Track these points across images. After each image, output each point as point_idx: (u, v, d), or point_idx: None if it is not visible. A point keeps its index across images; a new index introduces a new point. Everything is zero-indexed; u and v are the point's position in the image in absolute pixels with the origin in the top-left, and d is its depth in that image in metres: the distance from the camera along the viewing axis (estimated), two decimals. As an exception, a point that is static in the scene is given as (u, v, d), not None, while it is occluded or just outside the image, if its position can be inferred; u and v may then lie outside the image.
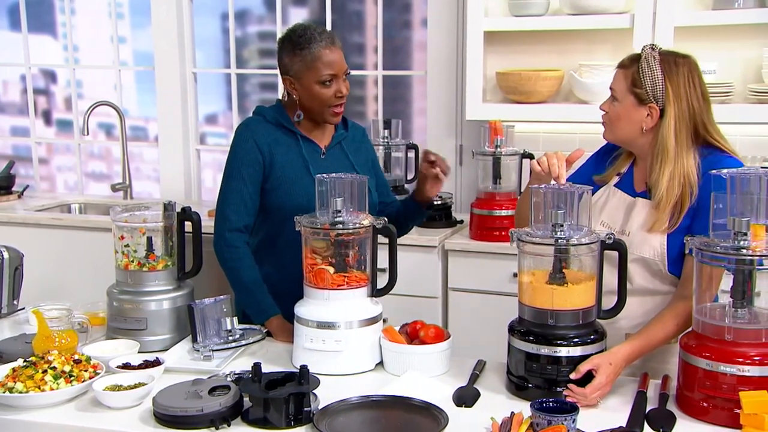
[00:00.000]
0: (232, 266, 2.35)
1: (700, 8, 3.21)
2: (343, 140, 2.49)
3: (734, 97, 3.17)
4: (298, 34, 2.33)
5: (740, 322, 1.71)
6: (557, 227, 1.83)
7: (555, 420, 1.60)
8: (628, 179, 2.13)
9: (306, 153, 2.40)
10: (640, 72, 1.98)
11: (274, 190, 2.38)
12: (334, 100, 2.34)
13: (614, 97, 2.03)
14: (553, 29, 3.32)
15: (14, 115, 4.76)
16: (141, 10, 4.30)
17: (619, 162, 2.16)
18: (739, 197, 1.72)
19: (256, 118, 2.46)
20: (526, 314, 1.88)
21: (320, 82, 2.31)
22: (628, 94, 2.00)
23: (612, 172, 2.16)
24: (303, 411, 1.73)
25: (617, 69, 2.05)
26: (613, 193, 2.14)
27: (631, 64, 2.00)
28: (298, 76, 2.34)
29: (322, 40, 2.30)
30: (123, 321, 2.17)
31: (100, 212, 4.04)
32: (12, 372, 1.87)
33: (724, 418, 1.68)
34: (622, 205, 2.10)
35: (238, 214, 2.35)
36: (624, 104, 2.01)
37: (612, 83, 2.05)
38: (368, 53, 4.12)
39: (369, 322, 2.04)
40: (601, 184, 2.17)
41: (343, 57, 2.35)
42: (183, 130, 4.22)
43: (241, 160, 2.37)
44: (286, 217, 2.34)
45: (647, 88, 1.97)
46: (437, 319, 3.28)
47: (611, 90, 2.05)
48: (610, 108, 2.05)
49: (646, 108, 1.99)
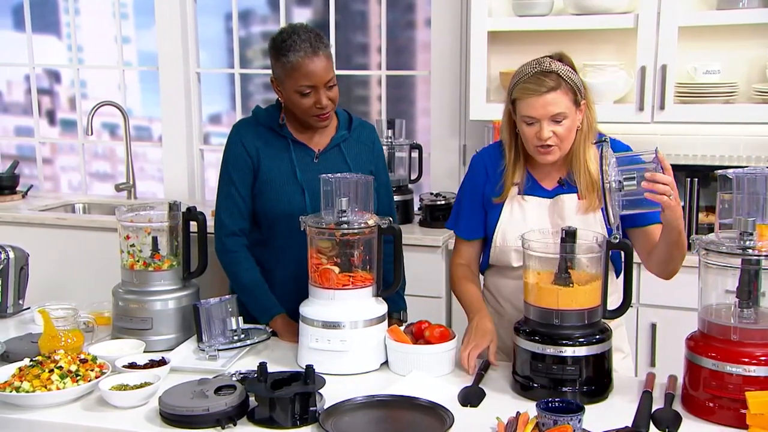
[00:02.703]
0: (231, 270, 2.35)
1: (704, 8, 3.21)
2: (343, 142, 2.40)
3: (738, 97, 3.16)
4: (282, 39, 2.23)
5: (746, 322, 1.71)
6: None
7: (561, 420, 1.60)
8: (533, 184, 2.14)
9: (296, 158, 2.34)
10: (570, 83, 2.02)
11: (260, 194, 2.35)
12: (314, 110, 2.25)
13: (560, 119, 2.01)
14: (556, 29, 3.32)
15: (18, 115, 4.77)
16: (145, 10, 4.30)
17: (508, 175, 2.15)
18: (745, 197, 1.72)
19: (249, 119, 2.42)
20: (532, 314, 1.88)
21: (299, 93, 2.23)
22: (571, 105, 2.03)
23: (508, 186, 2.15)
24: (309, 410, 1.73)
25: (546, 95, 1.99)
26: (524, 202, 2.14)
27: (558, 82, 2.00)
28: (281, 81, 2.27)
29: (301, 49, 2.19)
30: (128, 321, 2.18)
31: (104, 212, 4.04)
32: (18, 371, 1.87)
33: (730, 418, 1.68)
34: (542, 208, 2.12)
35: (232, 218, 2.34)
36: (572, 117, 2.04)
37: (550, 109, 2.00)
38: (372, 53, 4.12)
39: (374, 321, 2.04)
40: (501, 202, 2.16)
41: (327, 66, 2.23)
42: (187, 130, 4.23)
43: (231, 164, 2.36)
44: (272, 223, 2.35)
45: (581, 93, 2.04)
46: (441, 318, 3.28)
47: (556, 116, 2.00)
48: (560, 131, 2.02)
49: (579, 109, 2.06)
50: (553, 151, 2.05)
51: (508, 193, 2.15)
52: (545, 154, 2.05)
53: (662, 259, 2.05)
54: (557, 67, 2.03)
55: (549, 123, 2.02)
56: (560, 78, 2.01)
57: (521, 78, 2.05)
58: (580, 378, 1.82)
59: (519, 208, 2.14)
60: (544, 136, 2.02)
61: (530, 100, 2.01)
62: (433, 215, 3.46)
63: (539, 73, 2.02)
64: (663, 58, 3.11)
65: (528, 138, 2.06)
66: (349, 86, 4.16)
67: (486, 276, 2.30)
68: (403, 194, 3.55)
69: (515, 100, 2.06)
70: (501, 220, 2.16)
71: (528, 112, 2.02)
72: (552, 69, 2.02)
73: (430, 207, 3.47)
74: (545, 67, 2.02)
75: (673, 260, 2.03)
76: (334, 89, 2.27)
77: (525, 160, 2.14)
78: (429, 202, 3.48)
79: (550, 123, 2.02)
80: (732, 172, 1.75)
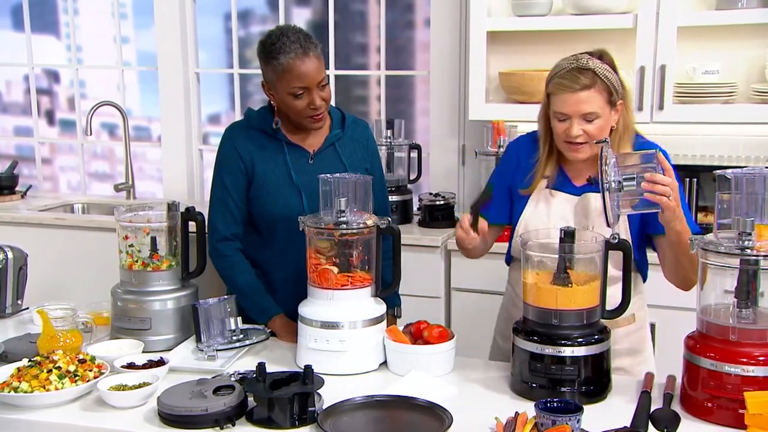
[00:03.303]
0: (226, 274, 2.35)
1: (704, 8, 3.21)
2: (337, 141, 2.38)
3: (738, 97, 3.16)
4: (271, 41, 2.22)
5: (745, 322, 1.71)
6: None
7: (559, 420, 1.61)
8: (563, 179, 2.14)
9: (290, 160, 2.33)
10: (606, 82, 2.00)
11: (256, 198, 2.34)
12: (308, 111, 2.24)
13: (591, 117, 2.00)
14: (556, 29, 3.32)
15: (17, 115, 4.76)
16: (144, 10, 4.30)
17: (539, 167, 2.14)
18: (744, 197, 1.72)
19: (241, 122, 2.41)
20: (531, 314, 1.88)
21: (291, 94, 2.22)
22: (605, 105, 2.01)
23: (537, 179, 2.15)
24: (307, 411, 1.73)
25: (579, 92, 1.98)
26: (551, 197, 2.14)
27: (593, 80, 1.99)
28: (272, 84, 2.26)
29: (292, 51, 2.18)
30: (127, 321, 2.18)
31: (103, 212, 4.03)
32: (17, 372, 1.87)
33: (728, 418, 1.68)
34: (569, 205, 2.12)
35: (225, 223, 2.33)
36: (605, 117, 2.02)
37: (582, 107, 1.99)
38: (371, 53, 4.12)
39: (373, 321, 2.04)
40: (528, 194, 2.16)
41: (318, 66, 2.22)
42: (186, 130, 4.22)
43: (224, 169, 2.34)
44: (271, 227, 2.34)
45: (617, 92, 2.02)
46: (440, 318, 3.28)
47: (587, 115, 1.99)
48: (591, 129, 2.01)
49: (615, 108, 2.04)
50: (582, 149, 2.04)
51: (536, 185, 2.14)
52: (574, 151, 2.05)
53: (672, 266, 2.05)
54: (594, 64, 2.00)
55: (580, 121, 2.00)
56: (596, 76, 1.99)
57: (557, 73, 2.03)
58: (578, 378, 1.82)
59: (545, 202, 2.14)
60: (573, 133, 2.01)
61: (563, 96, 2.00)
62: (432, 215, 3.46)
63: (575, 69, 2.00)
64: (662, 58, 3.11)
65: (558, 134, 2.05)
66: (348, 86, 4.16)
67: (509, 271, 2.30)
68: (402, 194, 3.55)
69: (550, 95, 2.05)
70: (525, 212, 2.15)
71: (560, 108, 2.01)
72: (589, 66, 1.99)
73: (429, 207, 3.47)
74: (582, 64, 2.00)
75: (682, 267, 2.01)
76: (326, 89, 2.26)
77: (558, 154, 2.13)
78: (428, 203, 3.47)
79: (581, 121, 2.00)
80: (731, 173, 1.75)
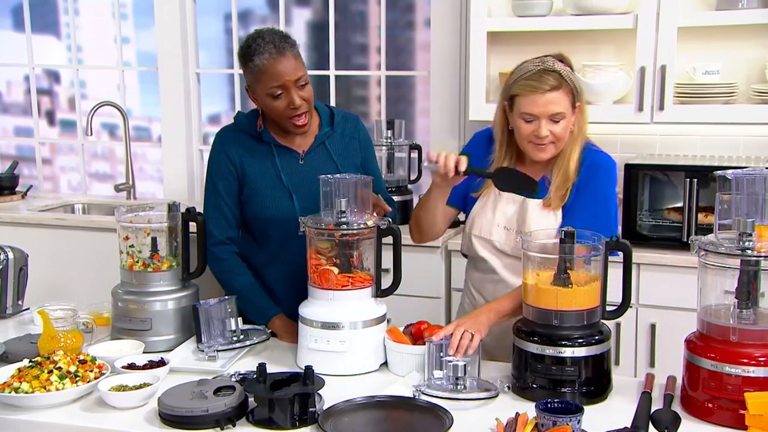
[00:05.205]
0: (224, 278, 2.35)
1: (704, 8, 3.21)
2: (327, 139, 2.36)
3: (738, 97, 3.16)
4: (247, 44, 2.21)
5: (745, 323, 1.71)
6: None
7: (560, 421, 1.61)
8: None
9: (279, 162, 2.32)
10: (571, 84, 2.03)
11: (248, 201, 2.33)
12: (289, 111, 2.21)
13: (558, 118, 2.02)
14: (556, 30, 3.32)
15: (18, 115, 4.77)
16: (144, 11, 4.30)
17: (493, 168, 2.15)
18: (744, 198, 1.72)
19: (231, 127, 2.40)
20: (531, 315, 1.88)
21: (270, 95, 2.20)
22: (570, 107, 2.04)
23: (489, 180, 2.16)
24: (308, 411, 1.73)
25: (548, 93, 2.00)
26: (499, 196, 2.16)
27: (560, 82, 2.01)
28: (253, 87, 2.24)
29: (266, 51, 2.16)
30: (128, 321, 2.18)
31: (104, 212, 4.04)
32: (18, 372, 1.87)
33: (729, 418, 1.68)
34: (513, 204, 2.15)
35: (219, 228, 2.33)
36: (569, 118, 2.05)
37: (551, 108, 2.01)
38: (371, 53, 4.12)
39: (373, 322, 2.04)
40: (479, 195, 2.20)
41: (295, 65, 2.19)
42: (186, 130, 4.22)
43: (216, 174, 2.34)
44: (263, 229, 2.34)
45: (578, 95, 2.06)
46: (440, 319, 3.28)
47: (555, 115, 2.02)
48: (557, 130, 2.03)
49: (574, 111, 2.07)
50: (547, 149, 2.06)
51: (487, 186, 2.18)
52: (540, 151, 2.06)
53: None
54: (559, 67, 2.04)
55: (548, 122, 2.02)
56: (562, 78, 2.02)
57: (523, 75, 2.04)
58: (579, 379, 1.82)
59: (493, 201, 2.17)
60: (542, 134, 2.02)
61: (533, 98, 2.01)
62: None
63: (542, 71, 2.02)
64: (662, 59, 3.11)
65: (524, 135, 2.06)
66: (348, 86, 4.16)
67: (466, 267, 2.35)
68: (402, 194, 3.55)
69: (514, 96, 2.06)
70: (474, 208, 2.21)
71: (528, 109, 2.02)
72: (555, 68, 2.02)
73: (429, 207, 3.46)
74: (548, 66, 2.02)
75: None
76: (306, 88, 2.23)
77: (514, 157, 2.15)
78: (428, 203, 3.47)
79: (548, 122, 2.02)
80: (731, 173, 1.75)
